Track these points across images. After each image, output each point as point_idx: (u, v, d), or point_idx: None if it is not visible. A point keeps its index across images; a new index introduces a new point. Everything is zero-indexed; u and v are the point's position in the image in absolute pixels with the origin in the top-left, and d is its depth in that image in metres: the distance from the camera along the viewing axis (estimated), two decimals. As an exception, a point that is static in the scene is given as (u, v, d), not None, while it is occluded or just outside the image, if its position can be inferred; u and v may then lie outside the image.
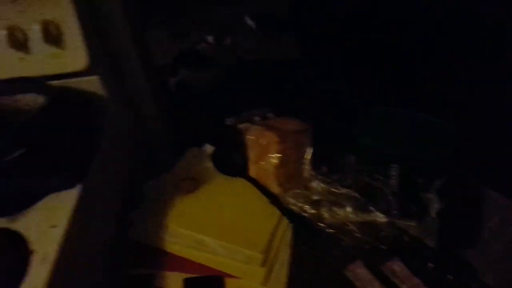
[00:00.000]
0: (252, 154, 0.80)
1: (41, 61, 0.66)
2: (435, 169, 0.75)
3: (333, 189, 0.75)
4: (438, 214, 0.73)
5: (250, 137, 0.79)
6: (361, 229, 0.72)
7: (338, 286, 0.65)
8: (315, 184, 0.76)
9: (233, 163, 0.84)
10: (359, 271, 0.66)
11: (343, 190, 0.75)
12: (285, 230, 0.75)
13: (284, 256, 0.71)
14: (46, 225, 0.57)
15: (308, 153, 0.78)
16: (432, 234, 0.70)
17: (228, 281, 0.68)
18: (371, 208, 0.74)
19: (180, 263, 0.71)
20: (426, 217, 0.74)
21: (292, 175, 0.78)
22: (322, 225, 0.74)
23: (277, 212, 0.77)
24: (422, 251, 0.69)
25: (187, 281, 0.68)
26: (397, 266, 0.66)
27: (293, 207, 0.76)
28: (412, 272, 0.65)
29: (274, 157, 0.77)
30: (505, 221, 0.72)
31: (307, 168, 0.77)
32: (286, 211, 0.77)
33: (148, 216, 0.77)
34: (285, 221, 0.76)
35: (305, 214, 0.75)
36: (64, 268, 0.54)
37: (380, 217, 0.73)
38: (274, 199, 0.79)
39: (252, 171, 0.81)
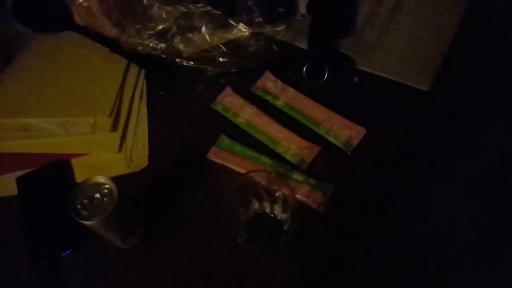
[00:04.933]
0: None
1: None
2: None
3: (181, 10, 0.58)
4: (308, 9, 0.60)
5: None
6: (224, 52, 0.58)
7: (208, 120, 0.53)
8: (157, 10, 0.58)
9: (47, 12, 0.61)
10: (228, 100, 0.54)
11: (193, 8, 0.58)
12: (136, 81, 0.58)
13: (140, 114, 0.56)
14: None
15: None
16: (303, 34, 0.58)
17: (76, 161, 0.53)
18: (231, 22, 0.59)
19: (10, 162, 0.53)
20: (295, 17, 0.61)
21: (126, 6, 0.59)
22: (179, 60, 0.58)
23: (121, 61, 0.59)
24: (295, 58, 0.57)
25: (20, 180, 0.51)
26: (269, 82, 0.55)
27: (139, 48, 0.58)
28: (286, 83, 0.55)
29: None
30: None
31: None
32: (131, 56, 0.59)
33: None
34: (134, 70, 0.59)
35: (155, 52, 0.58)
36: None
37: (244, 30, 0.59)
38: (113, 46, 0.60)
39: (78, 17, 0.59)
